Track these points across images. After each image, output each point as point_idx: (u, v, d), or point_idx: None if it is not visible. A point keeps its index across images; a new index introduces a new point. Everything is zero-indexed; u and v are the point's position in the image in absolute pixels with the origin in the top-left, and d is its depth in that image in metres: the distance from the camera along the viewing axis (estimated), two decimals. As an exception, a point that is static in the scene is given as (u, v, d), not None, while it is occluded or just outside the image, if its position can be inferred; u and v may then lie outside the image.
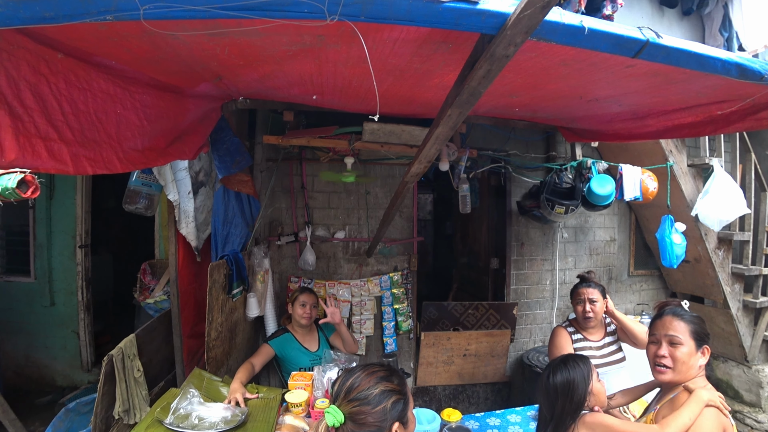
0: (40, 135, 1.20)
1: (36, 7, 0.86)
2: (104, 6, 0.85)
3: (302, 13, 0.89)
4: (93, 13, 0.86)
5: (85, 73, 1.37)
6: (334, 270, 3.48)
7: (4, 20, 0.90)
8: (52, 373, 4.46)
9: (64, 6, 0.86)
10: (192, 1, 0.83)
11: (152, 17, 0.86)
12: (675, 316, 1.62)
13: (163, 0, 0.83)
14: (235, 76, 1.78)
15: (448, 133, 1.51)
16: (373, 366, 1.22)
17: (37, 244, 4.40)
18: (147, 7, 0.84)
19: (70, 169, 1.34)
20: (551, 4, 1.02)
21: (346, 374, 1.21)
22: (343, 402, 1.12)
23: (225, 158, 2.58)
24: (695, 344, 1.57)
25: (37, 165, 1.19)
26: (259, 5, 0.85)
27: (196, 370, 2.53)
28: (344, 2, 0.88)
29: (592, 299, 2.48)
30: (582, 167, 3.47)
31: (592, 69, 1.69)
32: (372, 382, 1.16)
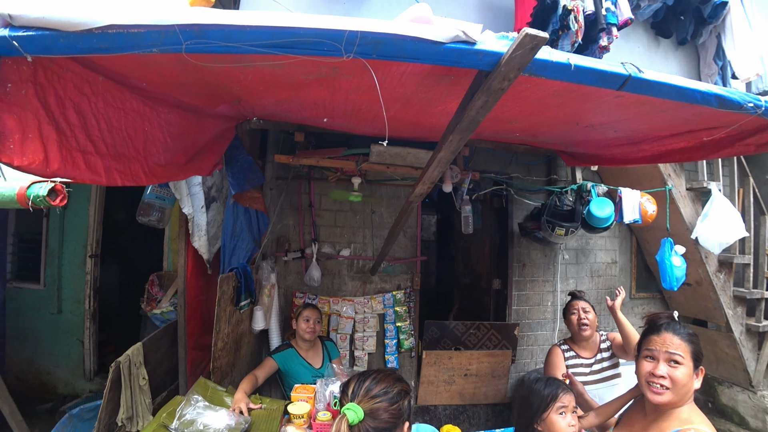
0: (80, 149, 1.31)
1: (93, 39, 0.98)
2: (152, 41, 0.97)
3: (322, 50, 1.01)
4: (141, 46, 0.98)
5: (120, 94, 1.50)
6: (339, 287, 3.55)
7: (64, 49, 1.03)
8: (54, 380, 4.50)
9: (117, 40, 0.98)
10: (227, 39, 0.96)
11: (192, 51, 0.98)
12: (675, 334, 1.50)
13: (203, 37, 0.95)
14: (254, 100, 1.91)
15: (450, 156, 1.62)
16: (385, 369, 1.33)
17: (49, 252, 4.50)
18: (188, 43, 0.96)
19: (103, 180, 1.45)
20: (539, 45, 1.15)
21: (360, 376, 1.29)
22: (363, 399, 1.20)
23: (238, 175, 2.70)
24: (694, 365, 1.47)
25: (75, 176, 1.31)
26: (285, 43, 0.98)
27: (201, 379, 2.59)
28: (359, 42, 1.00)
29: (585, 309, 2.56)
30: (582, 190, 3.57)
31: (584, 98, 1.80)
32: (390, 382, 1.26)
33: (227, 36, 0.96)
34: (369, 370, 1.33)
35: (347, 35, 0.99)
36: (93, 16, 0.95)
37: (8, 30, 1.04)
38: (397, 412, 1.22)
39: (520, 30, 2.97)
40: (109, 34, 0.98)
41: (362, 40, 1.01)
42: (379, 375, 1.28)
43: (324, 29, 0.98)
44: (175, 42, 0.97)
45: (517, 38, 1.11)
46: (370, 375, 1.28)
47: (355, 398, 1.21)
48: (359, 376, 1.29)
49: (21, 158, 1.15)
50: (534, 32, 1.08)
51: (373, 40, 1.02)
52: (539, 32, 1.09)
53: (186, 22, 0.94)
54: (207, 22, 0.94)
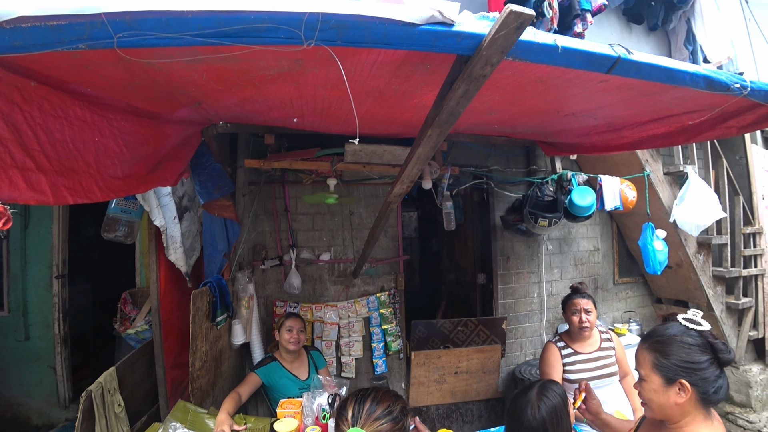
0: (16, 165, 1.16)
1: (6, 36, 0.84)
2: (76, 35, 0.83)
3: (279, 38, 0.89)
4: (65, 42, 0.85)
5: (59, 101, 1.34)
6: (321, 292, 3.42)
7: (-28, 50, 0.88)
8: (27, 411, 4.24)
9: (35, 35, 0.84)
10: (166, 29, 0.83)
11: (126, 45, 0.85)
12: (641, 344, 1.36)
13: (137, 28, 0.82)
14: (214, 101, 1.77)
15: (429, 152, 1.52)
16: (380, 388, 1.27)
17: (11, 275, 4.23)
18: (121, 35, 0.83)
19: (50, 200, 1.30)
20: (524, 24, 1.05)
21: (357, 397, 1.23)
22: (366, 423, 1.15)
23: (207, 183, 2.55)
24: (662, 379, 1.26)
25: (15, 197, 1.16)
26: (235, 32, 0.85)
27: (180, 402, 2.44)
28: (320, 27, 0.88)
29: (587, 309, 2.49)
30: (562, 180, 3.53)
31: (567, 85, 1.73)
32: (391, 401, 1.22)
33: (165, 26, 0.83)
34: (364, 390, 1.26)
35: (306, 18, 0.87)
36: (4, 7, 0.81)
37: None
38: (402, 429, 1.20)
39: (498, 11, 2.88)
40: (23, 29, 0.84)
41: (324, 24, 0.88)
42: (378, 394, 1.23)
43: (279, 12, 0.86)
44: (105, 35, 0.83)
45: (500, 17, 1.01)
46: (368, 395, 1.23)
47: (357, 422, 1.16)
48: (356, 396, 1.23)
49: None
50: (519, 9, 0.98)
51: (337, 24, 0.90)
52: (525, 9, 0.98)
53: (113, 10, 0.80)
54: (139, 10, 0.81)
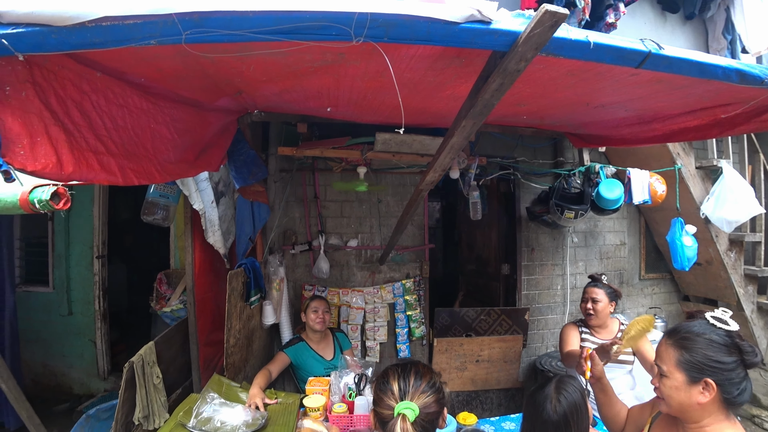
0: (90, 149, 1.27)
1: (87, 34, 0.94)
2: (149, 32, 0.92)
3: (330, 35, 0.96)
4: (138, 39, 0.94)
5: (120, 90, 1.45)
6: (348, 278, 3.53)
7: (56, 45, 0.98)
8: (69, 381, 4.55)
9: (113, 33, 0.93)
10: (230, 27, 0.91)
11: (193, 41, 0.93)
12: (665, 339, 1.33)
13: (203, 26, 0.90)
14: (255, 91, 1.86)
15: (462, 142, 1.57)
16: (414, 362, 1.32)
17: (56, 254, 4.50)
18: (189, 32, 0.91)
19: (120, 180, 1.41)
20: (559, 23, 1.09)
21: (398, 372, 1.27)
22: (415, 396, 1.20)
23: (242, 169, 2.66)
24: (686, 377, 1.23)
25: (91, 177, 1.27)
26: (291, 30, 0.92)
27: (216, 376, 2.59)
28: (369, 25, 0.95)
29: (594, 298, 2.53)
30: (590, 172, 3.51)
31: (598, 78, 1.75)
32: (432, 373, 1.28)
33: (229, 23, 0.91)
34: (400, 365, 1.31)
35: (357, 17, 0.94)
36: (85, 8, 0.91)
37: (-3, 28, 0.99)
38: (443, 401, 1.26)
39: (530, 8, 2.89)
40: (103, 27, 0.94)
41: (373, 23, 0.95)
42: (418, 368, 1.29)
43: (332, 12, 0.93)
44: (174, 32, 0.92)
45: (535, 15, 1.05)
46: (409, 370, 1.27)
47: (405, 396, 1.21)
48: (396, 372, 1.28)
49: (34, 163, 1.11)
50: (554, 8, 1.02)
51: (385, 22, 0.97)
52: (559, 8, 1.03)
53: (184, 10, 0.89)
54: (207, 10, 0.89)
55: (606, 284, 2.57)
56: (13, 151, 1.09)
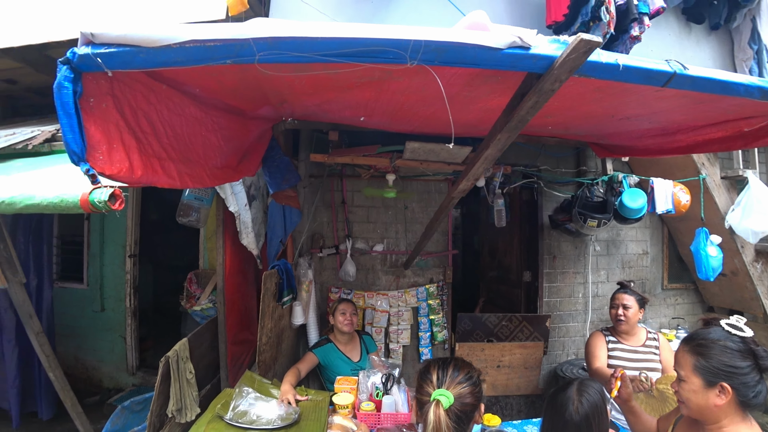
0: (155, 155, 1.40)
1: (171, 53, 1.05)
2: (227, 53, 1.03)
3: (388, 59, 1.07)
4: (216, 59, 1.05)
5: (179, 101, 1.58)
6: (373, 281, 3.62)
7: (142, 63, 1.10)
8: (99, 374, 4.72)
9: (194, 53, 1.05)
10: (298, 49, 1.01)
11: (264, 61, 1.04)
12: (682, 345, 1.40)
13: (276, 48, 1.01)
14: (299, 102, 1.97)
15: (496, 154, 1.66)
16: (455, 357, 1.41)
17: (91, 253, 4.70)
18: (262, 54, 1.02)
19: (178, 183, 1.53)
20: (592, 49, 1.18)
21: (438, 364, 1.36)
22: (451, 385, 1.29)
23: (275, 175, 2.77)
24: (702, 381, 1.30)
25: (155, 181, 1.39)
26: (354, 53, 1.03)
27: (248, 372, 2.70)
28: (423, 50, 1.05)
29: (625, 305, 2.56)
30: (613, 181, 3.55)
31: (624, 93, 1.81)
32: (470, 367, 1.36)
33: (299, 46, 1.02)
34: (442, 358, 1.40)
35: (412, 44, 1.04)
36: (174, 32, 1.02)
37: (90, 48, 1.11)
38: (478, 394, 1.32)
39: (554, 23, 2.97)
40: (186, 48, 1.05)
41: (426, 48, 1.05)
42: (458, 362, 1.37)
43: (391, 39, 1.03)
44: (249, 53, 1.03)
45: (571, 43, 1.15)
46: (449, 362, 1.36)
47: (442, 385, 1.29)
48: (437, 363, 1.37)
49: (111, 167, 1.24)
50: (588, 37, 1.13)
51: (437, 48, 1.07)
52: (593, 37, 1.13)
53: (261, 35, 0.99)
54: (281, 35, 1.00)
55: (635, 291, 2.61)
56: (93, 157, 1.21)
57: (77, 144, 1.18)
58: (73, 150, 1.18)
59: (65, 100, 1.16)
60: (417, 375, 1.41)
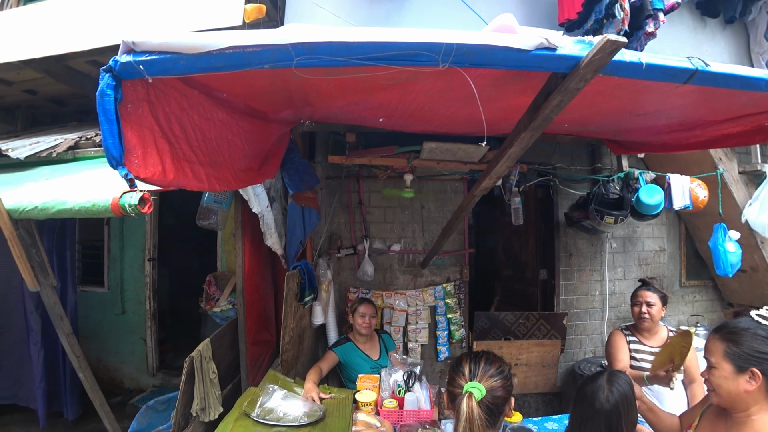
0: (186, 158, 1.44)
1: (211, 59, 1.09)
2: (265, 58, 1.07)
3: (420, 61, 1.10)
4: (255, 63, 1.09)
5: (209, 105, 1.63)
6: (390, 281, 3.66)
7: (182, 70, 1.14)
8: (121, 376, 4.82)
9: (233, 58, 1.09)
10: (334, 53, 1.05)
11: (301, 65, 1.08)
12: (713, 334, 1.45)
13: (313, 53, 1.05)
14: (323, 104, 2.01)
15: (519, 152, 1.69)
16: (487, 352, 1.43)
17: (111, 257, 4.79)
18: (299, 59, 1.06)
19: (206, 186, 1.58)
20: (618, 49, 1.21)
21: (470, 358, 1.39)
22: (483, 378, 1.31)
23: (294, 177, 2.82)
24: (733, 367, 1.34)
25: (185, 183, 1.43)
26: (388, 56, 1.06)
27: (271, 371, 2.74)
28: (455, 54, 1.09)
29: (649, 302, 2.54)
30: (629, 178, 3.55)
31: (644, 90, 1.82)
32: (501, 362, 1.38)
33: (335, 51, 1.05)
34: (475, 352, 1.43)
35: (445, 47, 1.07)
36: (215, 39, 1.06)
37: (132, 56, 1.16)
38: (510, 388, 1.35)
39: (567, 21, 2.98)
40: (225, 54, 1.09)
41: (458, 51, 1.09)
42: (489, 356, 1.39)
43: (425, 42, 1.07)
44: (287, 58, 1.07)
45: (597, 43, 1.18)
46: (481, 356, 1.39)
47: (474, 377, 1.32)
48: (469, 357, 1.39)
49: (145, 171, 1.28)
50: (614, 38, 1.16)
51: (468, 51, 1.11)
52: (619, 38, 1.16)
53: (299, 40, 1.03)
54: (318, 40, 1.03)
55: (657, 288, 2.60)
56: (129, 160, 1.26)
57: (116, 149, 1.22)
58: (113, 155, 1.23)
59: (107, 106, 1.20)
60: (449, 368, 1.44)
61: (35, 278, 2.33)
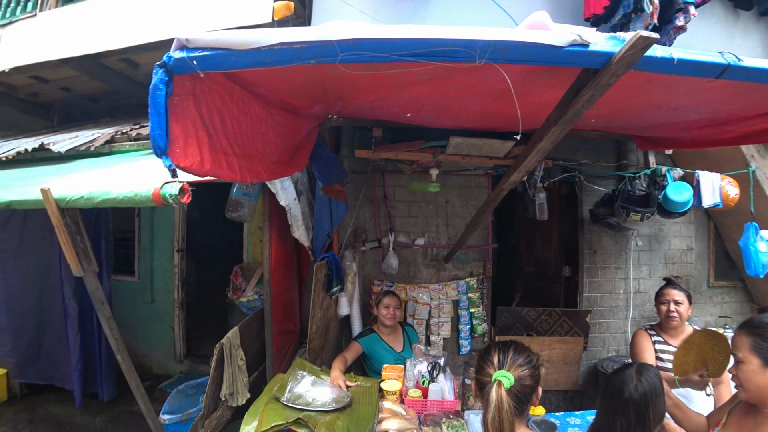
0: (222, 150, 1.51)
1: (260, 55, 1.15)
2: (312, 54, 1.13)
3: (458, 57, 1.14)
4: (301, 59, 1.15)
5: (248, 100, 1.70)
6: (414, 274, 3.71)
7: (231, 65, 1.21)
8: (150, 362, 5.00)
9: (281, 54, 1.15)
10: (377, 50, 1.10)
11: (345, 61, 1.13)
12: (739, 329, 1.47)
13: (356, 49, 1.10)
14: (355, 99, 2.06)
15: (549, 146, 1.71)
16: (515, 341, 1.45)
17: (141, 247, 4.97)
18: (343, 54, 1.11)
19: (238, 178, 1.65)
20: (650, 45, 1.23)
21: (499, 347, 1.41)
22: (512, 367, 1.34)
23: (324, 171, 2.88)
24: (760, 361, 1.36)
25: (219, 174, 1.51)
26: (427, 53, 1.11)
27: (299, 359, 2.82)
28: (491, 50, 1.12)
29: (677, 300, 2.51)
30: (656, 175, 3.51)
31: (675, 85, 1.82)
32: (529, 351, 1.41)
33: (378, 47, 1.10)
34: (502, 341, 1.45)
35: (482, 44, 1.11)
36: (265, 35, 1.12)
37: (185, 52, 1.23)
38: (537, 377, 1.37)
39: (592, 15, 2.97)
40: (274, 50, 1.15)
41: (494, 48, 1.12)
42: (518, 346, 1.42)
43: (462, 39, 1.10)
44: (332, 54, 1.12)
45: (629, 40, 1.20)
46: (509, 346, 1.41)
47: (503, 366, 1.34)
48: (497, 346, 1.42)
49: (185, 160, 1.36)
50: (647, 34, 1.17)
51: (503, 47, 1.14)
52: (651, 34, 1.17)
53: (344, 37, 1.08)
54: (363, 36, 1.08)
55: (683, 288, 2.57)
56: (172, 150, 1.33)
57: (162, 139, 1.29)
58: (158, 145, 1.30)
59: (158, 100, 1.28)
60: (477, 357, 1.48)
61: (79, 264, 2.45)
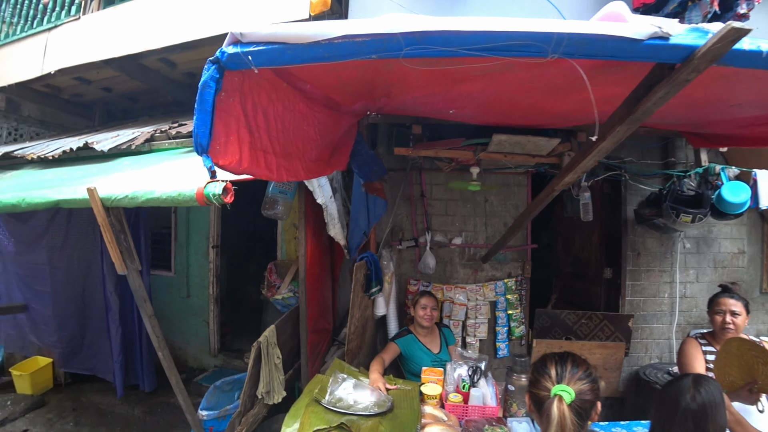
0: (262, 148, 1.49)
1: (319, 49, 1.11)
2: (374, 48, 1.08)
3: (529, 51, 1.06)
4: (363, 53, 1.09)
5: (293, 97, 1.66)
6: (451, 274, 3.63)
7: (288, 60, 1.17)
8: (185, 355, 5.10)
9: (342, 48, 1.10)
10: (445, 44, 1.03)
11: (409, 56, 1.07)
12: None
13: (423, 43, 1.04)
14: (401, 95, 2.00)
15: (611, 146, 1.61)
16: (572, 353, 1.38)
17: (178, 243, 5.06)
18: (408, 49, 1.05)
19: (274, 176, 1.63)
20: (740, 38, 1.11)
21: (555, 359, 1.35)
22: (571, 381, 1.28)
23: (363, 168, 2.84)
24: None
25: (256, 172, 1.48)
26: (498, 47, 1.03)
27: (336, 360, 2.80)
28: (566, 44, 1.04)
29: (734, 311, 2.35)
30: (708, 174, 3.32)
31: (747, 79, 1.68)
32: (587, 364, 1.34)
33: (446, 41, 1.04)
34: (558, 353, 1.38)
35: (556, 37, 1.03)
36: (326, 28, 1.08)
37: (240, 47, 1.19)
38: (597, 392, 1.30)
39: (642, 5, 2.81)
40: (334, 44, 1.10)
41: (569, 41, 1.04)
42: (575, 358, 1.35)
43: (535, 32, 1.03)
44: (396, 48, 1.06)
45: (719, 32, 1.10)
46: (567, 358, 1.35)
47: (562, 380, 1.28)
48: (553, 358, 1.35)
49: (224, 158, 1.33)
50: (739, 25, 1.07)
51: (579, 41, 1.06)
52: (744, 25, 1.07)
53: (410, 30, 1.02)
54: (430, 29, 1.02)
55: (741, 296, 2.42)
56: (212, 147, 1.30)
57: (205, 137, 1.27)
58: (200, 143, 1.28)
59: (206, 97, 1.25)
60: (531, 369, 1.41)
61: (123, 263, 2.48)
